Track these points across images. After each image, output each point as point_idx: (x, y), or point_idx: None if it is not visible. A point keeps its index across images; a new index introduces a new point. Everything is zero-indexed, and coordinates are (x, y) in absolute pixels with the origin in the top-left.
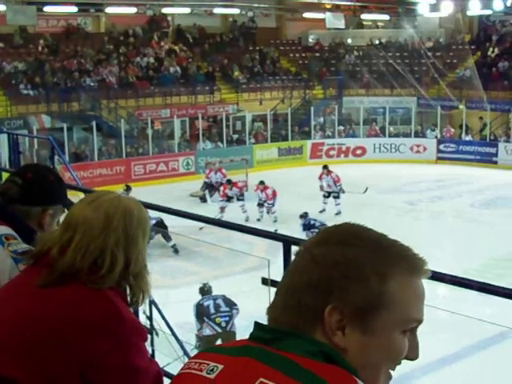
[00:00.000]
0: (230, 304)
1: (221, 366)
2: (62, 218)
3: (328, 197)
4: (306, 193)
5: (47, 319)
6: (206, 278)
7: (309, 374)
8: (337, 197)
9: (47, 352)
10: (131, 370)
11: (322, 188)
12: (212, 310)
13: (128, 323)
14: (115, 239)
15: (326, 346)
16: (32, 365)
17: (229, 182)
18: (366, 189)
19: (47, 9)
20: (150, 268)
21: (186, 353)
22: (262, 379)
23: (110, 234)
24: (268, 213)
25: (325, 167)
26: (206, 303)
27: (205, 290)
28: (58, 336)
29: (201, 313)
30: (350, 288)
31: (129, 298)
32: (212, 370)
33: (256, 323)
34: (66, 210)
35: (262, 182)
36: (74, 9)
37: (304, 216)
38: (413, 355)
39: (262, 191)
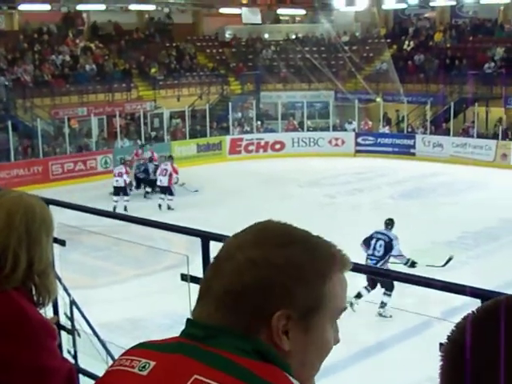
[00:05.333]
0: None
1: (153, 363)
2: None
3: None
4: (228, 188)
5: None
6: (127, 277)
7: (244, 370)
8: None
9: None
10: (42, 370)
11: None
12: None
13: (35, 323)
14: (17, 238)
15: (261, 343)
16: None
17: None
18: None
19: None
20: (70, 268)
21: (109, 353)
22: (196, 376)
23: (12, 233)
24: None
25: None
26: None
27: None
28: None
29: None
30: (296, 291)
31: (35, 298)
32: (144, 367)
33: (188, 320)
34: None
35: None
36: None
37: None
38: (337, 340)
39: None
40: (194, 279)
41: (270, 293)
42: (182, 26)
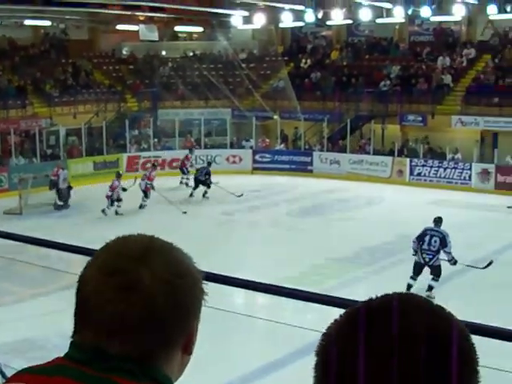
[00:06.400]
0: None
1: None
2: None
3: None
4: (125, 206)
5: None
6: (23, 297)
7: None
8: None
9: None
10: None
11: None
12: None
13: None
14: None
15: (150, 367)
16: None
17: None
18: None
19: None
20: None
21: (4, 376)
22: None
23: None
24: None
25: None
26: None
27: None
28: None
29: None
30: (190, 317)
31: None
32: None
33: (73, 342)
34: None
35: None
36: None
37: None
38: None
39: None
40: None
41: (166, 319)
42: (78, 42)
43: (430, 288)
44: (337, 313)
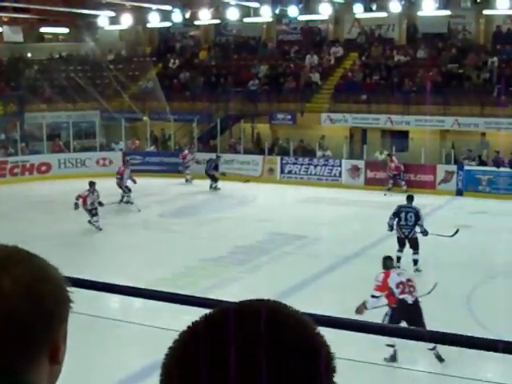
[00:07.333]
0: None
1: None
2: None
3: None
4: None
5: None
6: None
7: None
8: None
9: None
10: None
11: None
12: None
13: None
14: None
15: (16, 378)
16: None
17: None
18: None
19: None
20: None
21: None
22: None
23: None
24: None
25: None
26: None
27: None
28: None
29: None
30: (54, 323)
31: None
32: None
33: None
34: None
35: None
36: None
37: None
38: None
39: None
40: None
41: (35, 327)
42: None
43: (415, 262)
44: None
